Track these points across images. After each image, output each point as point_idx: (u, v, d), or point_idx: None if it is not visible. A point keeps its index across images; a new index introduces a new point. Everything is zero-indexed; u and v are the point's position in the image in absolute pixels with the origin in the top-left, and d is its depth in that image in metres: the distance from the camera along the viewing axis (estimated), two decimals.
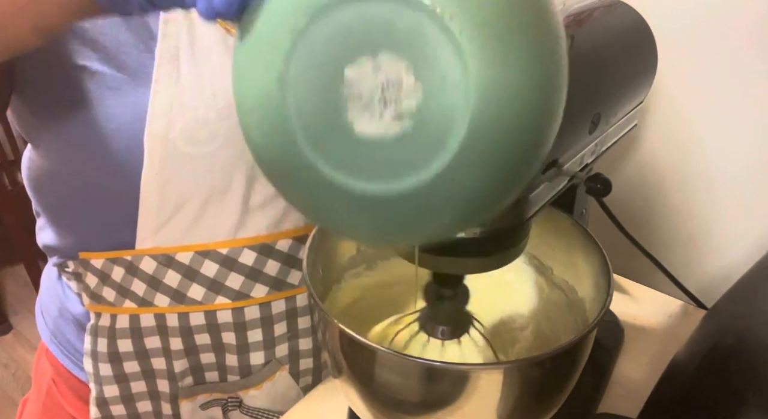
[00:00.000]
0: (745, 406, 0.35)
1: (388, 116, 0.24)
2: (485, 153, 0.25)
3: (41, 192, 0.58)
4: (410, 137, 0.24)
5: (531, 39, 0.24)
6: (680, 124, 0.72)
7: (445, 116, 0.24)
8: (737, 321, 0.43)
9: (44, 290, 0.66)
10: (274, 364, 0.62)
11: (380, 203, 0.27)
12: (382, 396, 0.45)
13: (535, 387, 0.42)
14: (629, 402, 0.55)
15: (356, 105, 0.24)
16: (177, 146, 0.49)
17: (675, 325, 0.70)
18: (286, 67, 0.25)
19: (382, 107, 0.24)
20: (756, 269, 0.48)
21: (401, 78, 0.24)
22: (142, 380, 0.60)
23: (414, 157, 0.25)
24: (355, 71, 0.24)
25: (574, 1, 0.54)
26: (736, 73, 0.65)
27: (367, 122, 0.25)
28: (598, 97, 0.46)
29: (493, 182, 0.27)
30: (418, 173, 0.25)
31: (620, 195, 0.78)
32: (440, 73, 0.23)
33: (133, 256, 0.54)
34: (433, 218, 0.28)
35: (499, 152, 0.25)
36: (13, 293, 2.06)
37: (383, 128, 0.25)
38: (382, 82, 0.24)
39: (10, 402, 1.67)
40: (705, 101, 0.69)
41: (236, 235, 0.55)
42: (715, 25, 0.65)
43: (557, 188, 0.44)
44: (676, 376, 0.44)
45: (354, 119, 0.25)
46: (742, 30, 0.63)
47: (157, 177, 0.50)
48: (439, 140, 0.24)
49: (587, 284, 0.51)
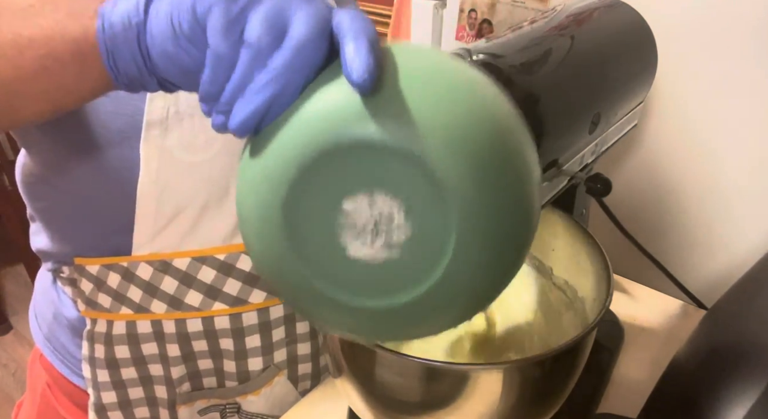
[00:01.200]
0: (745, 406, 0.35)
1: (378, 244, 0.27)
2: (471, 272, 0.28)
3: (36, 198, 0.57)
4: (399, 262, 0.27)
5: (512, 185, 0.28)
6: (680, 124, 0.71)
7: (431, 249, 0.27)
8: (737, 321, 0.43)
9: (38, 295, 0.65)
10: (272, 369, 0.61)
11: (374, 314, 0.29)
12: (382, 396, 0.45)
13: (535, 387, 0.42)
14: (629, 402, 0.55)
15: (351, 232, 0.27)
16: (174, 153, 0.49)
17: (675, 325, 0.70)
18: (290, 194, 0.27)
19: (374, 237, 0.27)
20: (756, 269, 0.48)
21: (393, 215, 0.27)
22: (140, 386, 0.60)
23: (403, 278, 0.28)
24: (353, 204, 0.27)
25: (574, 0, 0.54)
26: (736, 72, 0.65)
27: (359, 247, 0.27)
28: (598, 97, 0.46)
29: (484, 285, 0.29)
30: (408, 292, 0.28)
31: (620, 195, 0.78)
32: (428, 215, 0.26)
33: (129, 262, 0.54)
34: (429, 323, 0.30)
35: (485, 269, 0.28)
36: (13, 293, 2.06)
37: (373, 253, 0.27)
38: (376, 216, 0.27)
39: (10, 402, 1.67)
40: (705, 101, 0.69)
41: (233, 241, 0.55)
42: (715, 25, 0.65)
43: (557, 188, 0.44)
44: (676, 376, 0.43)
45: (347, 243, 0.27)
46: (742, 30, 0.63)
47: (154, 185, 0.50)
48: (425, 267, 0.27)
49: (587, 284, 0.51)
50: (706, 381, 0.39)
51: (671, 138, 0.73)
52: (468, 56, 0.39)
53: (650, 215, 0.78)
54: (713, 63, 0.66)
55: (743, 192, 0.70)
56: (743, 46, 0.64)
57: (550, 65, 0.42)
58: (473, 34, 0.84)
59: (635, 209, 0.78)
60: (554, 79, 0.41)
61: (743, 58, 0.64)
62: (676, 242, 0.77)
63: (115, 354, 0.58)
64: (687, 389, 0.40)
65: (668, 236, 0.77)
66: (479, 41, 0.44)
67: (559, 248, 0.55)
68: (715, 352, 0.41)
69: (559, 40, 0.45)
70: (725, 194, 0.71)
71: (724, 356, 0.40)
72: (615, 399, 0.60)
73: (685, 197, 0.74)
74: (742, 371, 0.37)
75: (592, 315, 0.48)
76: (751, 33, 0.63)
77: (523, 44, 0.42)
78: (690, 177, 0.73)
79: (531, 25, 0.47)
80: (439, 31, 0.89)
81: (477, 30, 0.83)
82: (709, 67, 0.67)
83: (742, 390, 0.36)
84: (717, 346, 0.41)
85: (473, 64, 0.39)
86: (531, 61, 0.41)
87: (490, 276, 0.29)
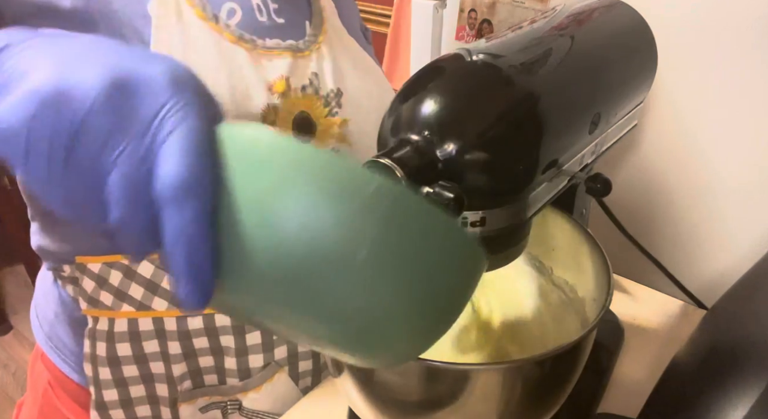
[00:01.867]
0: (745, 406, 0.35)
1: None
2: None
3: (36, 199, 0.57)
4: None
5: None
6: (680, 124, 0.71)
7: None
8: (737, 321, 0.43)
9: (39, 294, 0.65)
10: (273, 366, 0.62)
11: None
12: (382, 396, 0.45)
13: (535, 387, 0.42)
14: (629, 402, 0.55)
15: None
16: None
17: (675, 325, 0.70)
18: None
19: None
20: (756, 269, 0.48)
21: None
22: (141, 384, 0.60)
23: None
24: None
25: (574, 0, 0.54)
26: (736, 73, 0.65)
27: None
28: (598, 97, 0.46)
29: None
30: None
31: (620, 195, 0.78)
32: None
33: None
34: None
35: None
36: (13, 293, 2.06)
37: None
38: None
39: (10, 402, 1.67)
40: (705, 101, 0.69)
41: None
42: (716, 26, 0.65)
43: (557, 188, 0.44)
44: (676, 376, 0.44)
45: None
46: (743, 30, 0.63)
47: None
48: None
49: (587, 284, 0.51)
50: (706, 381, 0.39)
51: (671, 138, 0.73)
52: (468, 56, 0.39)
53: (650, 215, 0.78)
54: (713, 63, 0.66)
55: (743, 192, 0.70)
56: (743, 47, 0.64)
57: (550, 65, 0.42)
58: (473, 34, 0.84)
59: (635, 209, 0.78)
60: (554, 79, 0.41)
61: (744, 59, 0.64)
62: (676, 242, 0.77)
63: (117, 351, 0.58)
64: (687, 389, 0.40)
65: (668, 236, 0.77)
66: (479, 41, 0.44)
67: (559, 248, 0.55)
68: (715, 352, 0.41)
69: (559, 40, 0.45)
70: (725, 193, 0.71)
71: (724, 356, 0.40)
72: (615, 399, 0.60)
73: (686, 197, 0.74)
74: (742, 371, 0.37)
75: (592, 315, 0.48)
76: (751, 33, 0.63)
77: (523, 44, 0.42)
78: (690, 177, 0.73)
79: (531, 25, 0.47)
80: (439, 31, 0.89)
81: (477, 30, 0.83)
82: (709, 67, 0.67)
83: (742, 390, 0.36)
84: (717, 346, 0.41)
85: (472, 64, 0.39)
86: (531, 61, 0.41)
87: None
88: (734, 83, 0.66)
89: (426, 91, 0.37)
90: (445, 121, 0.36)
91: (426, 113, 0.36)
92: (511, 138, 0.37)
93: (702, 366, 0.41)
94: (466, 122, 0.36)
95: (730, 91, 0.67)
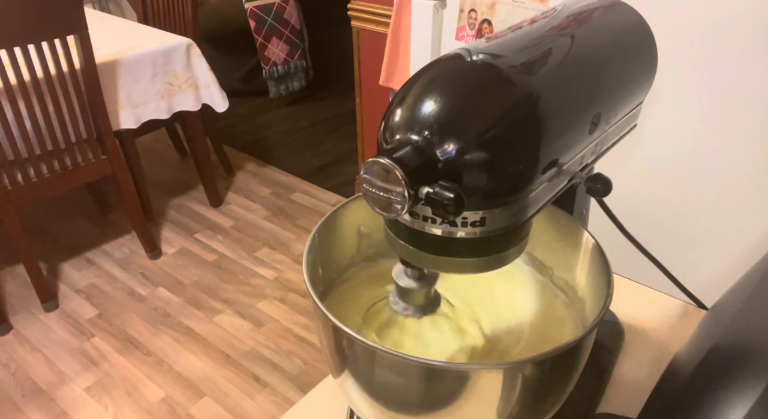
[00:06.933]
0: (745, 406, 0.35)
1: None
2: None
3: None
4: None
5: None
6: (680, 124, 0.71)
7: None
8: (737, 320, 0.43)
9: None
10: None
11: None
12: (382, 396, 0.45)
13: (535, 387, 0.42)
14: (629, 402, 0.55)
15: None
16: None
17: (675, 325, 0.70)
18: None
19: None
20: (756, 269, 0.48)
21: None
22: None
23: None
24: None
25: (574, 0, 0.54)
26: (735, 73, 0.65)
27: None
28: (598, 97, 0.46)
29: None
30: None
31: (620, 195, 0.78)
32: None
33: None
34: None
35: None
36: (13, 293, 2.06)
37: None
38: None
39: (11, 402, 1.67)
40: (705, 101, 0.69)
41: None
42: (715, 26, 0.65)
43: (557, 188, 0.44)
44: (676, 376, 0.43)
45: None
46: (742, 30, 0.63)
47: None
48: None
49: (587, 285, 0.51)
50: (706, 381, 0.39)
51: (671, 138, 0.73)
52: (468, 56, 0.39)
53: (650, 214, 0.78)
54: (713, 63, 0.66)
55: (743, 192, 0.70)
56: (743, 47, 0.64)
57: (550, 65, 0.42)
58: (473, 34, 0.84)
59: (635, 209, 0.78)
60: (554, 80, 0.41)
61: (743, 58, 0.64)
62: (676, 242, 0.77)
63: None
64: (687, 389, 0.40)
65: (668, 236, 0.77)
66: (479, 41, 0.44)
67: (559, 248, 0.55)
68: (715, 352, 0.41)
69: (559, 40, 0.45)
70: (725, 194, 0.71)
71: (724, 356, 0.40)
72: (615, 399, 0.60)
73: (685, 197, 0.74)
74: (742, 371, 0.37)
75: (592, 315, 0.48)
76: (751, 33, 0.63)
77: (523, 44, 0.42)
78: (690, 177, 0.73)
79: (531, 25, 0.47)
80: (439, 31, 0.89)
81: (477, 30, 0.83)
82: (709, 67, 0.67)
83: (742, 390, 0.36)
84: (717, 346, 0.41)
85: (472, 64, 0.39)
86: (531, 61, 0.41)
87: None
88: (734, 83, 0.66)
89: (426, 91, 0.37)
90: (445, 121, 0.36)
91: (426, 113, 0.36)
92: (511, 138, 0.37)
93: (702, 366, 0.41)
94: (466, 122, 0.36)
95: (730, 92, 0.67)
